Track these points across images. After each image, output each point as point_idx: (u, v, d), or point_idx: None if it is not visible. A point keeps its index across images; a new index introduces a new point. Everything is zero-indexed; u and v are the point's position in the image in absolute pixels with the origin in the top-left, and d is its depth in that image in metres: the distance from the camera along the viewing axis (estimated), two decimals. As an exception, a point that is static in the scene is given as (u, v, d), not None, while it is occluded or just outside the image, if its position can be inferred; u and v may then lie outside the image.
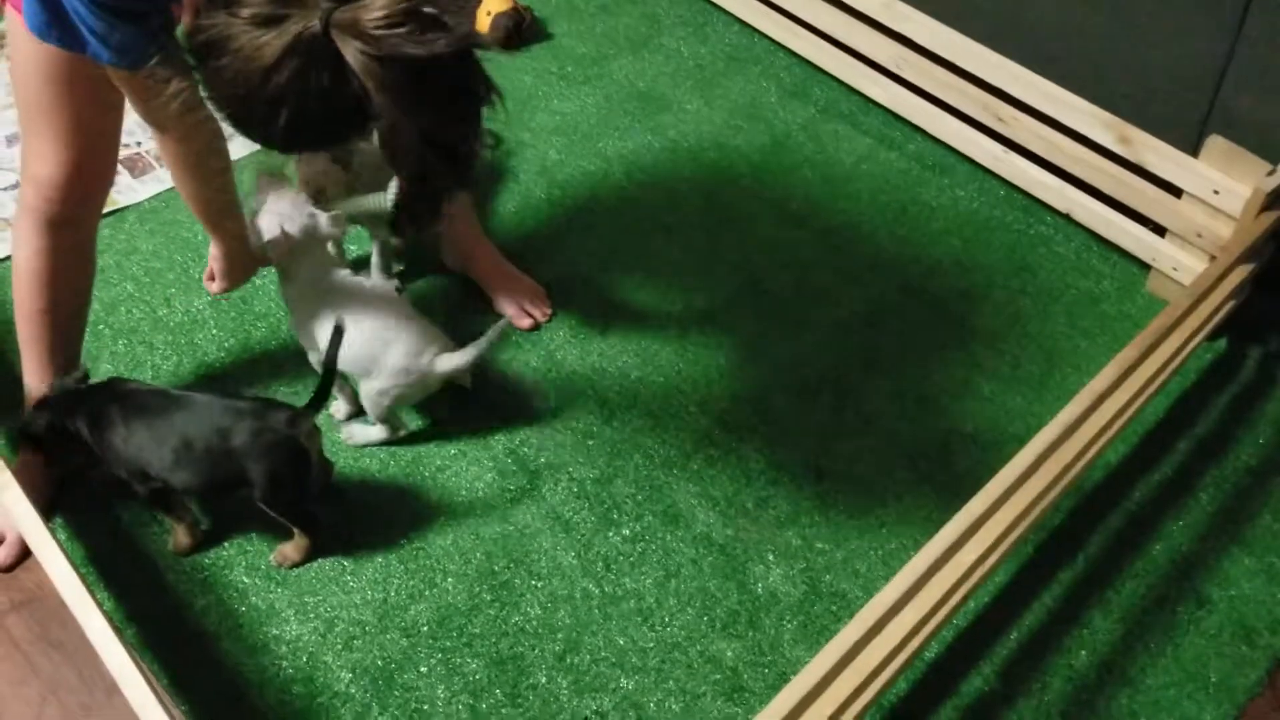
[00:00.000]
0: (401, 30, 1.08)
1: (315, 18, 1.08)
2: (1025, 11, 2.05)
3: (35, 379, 1.73)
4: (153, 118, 1.44)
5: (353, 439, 1.84)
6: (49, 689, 1.60)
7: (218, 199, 1.65)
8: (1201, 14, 1.83)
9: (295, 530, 1.69)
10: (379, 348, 1.73)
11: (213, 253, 1.76)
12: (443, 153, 1.16)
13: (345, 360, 1.67)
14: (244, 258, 1.77)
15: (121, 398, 1.66)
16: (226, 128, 1.22)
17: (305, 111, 1.12)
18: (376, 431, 1.83)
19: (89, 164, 1.58)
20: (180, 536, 1.71)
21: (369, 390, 1.76)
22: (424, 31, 1.09)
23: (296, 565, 1.71)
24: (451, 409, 1.87)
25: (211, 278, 1.79)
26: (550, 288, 2.05)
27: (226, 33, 1.09)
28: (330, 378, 1.63)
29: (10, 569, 1.71)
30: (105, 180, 1.66)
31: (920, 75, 2.24)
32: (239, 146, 1.58)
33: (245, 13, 1.08)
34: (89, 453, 1.65)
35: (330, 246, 1.81)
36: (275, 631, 1.64)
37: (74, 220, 1.64)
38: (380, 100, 1.09)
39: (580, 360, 1.97)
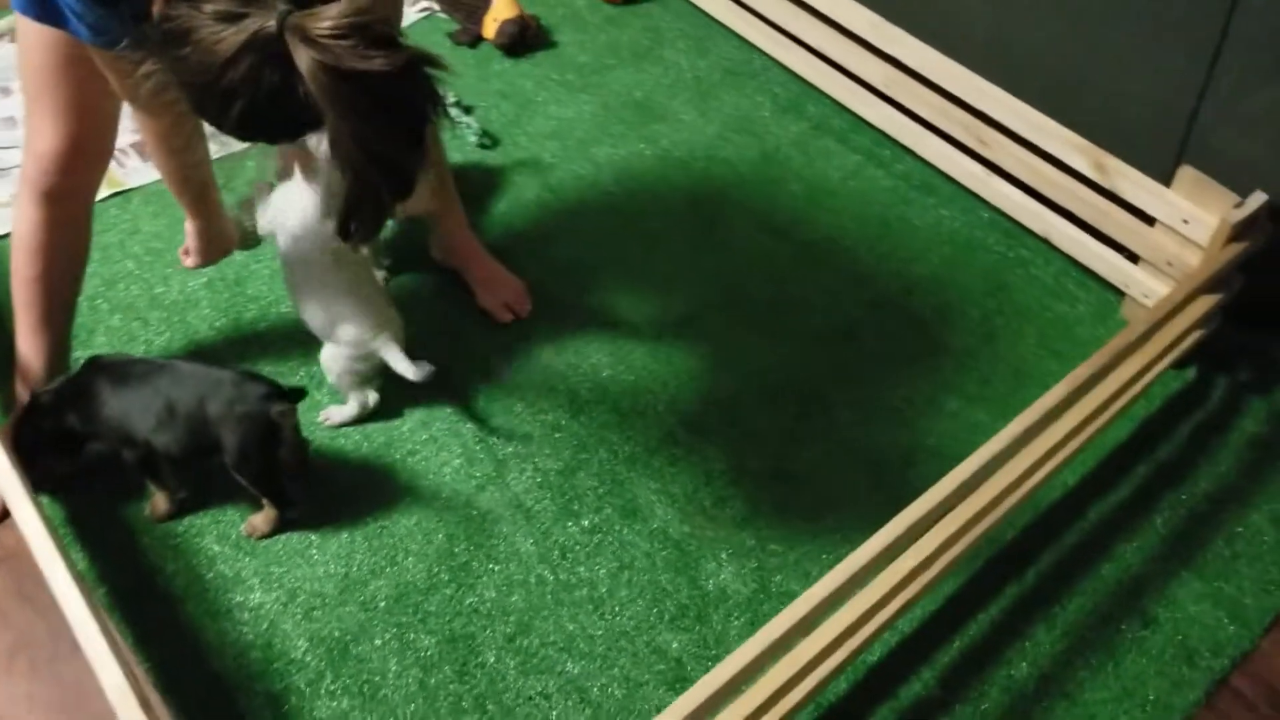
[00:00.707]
0: (345, 42, 1.12)
1: (271, 18, 1.12)
2: (1009, 38, 2.09)
3: (27, 344, 1.80)
4: (127, 94, 1.50)
5: (330, 419, 1.90)
6: (20, 642, 1.66)
7: (191, 175, 1.73)
8: (1178, 47, 1.86)
9: (264, 502, 1.75)
10: (339, 316, 1.79)
11: (188, 228, 1.85)
12: (382, 164, 1.19)
13: (311, 322, 1.79)
14: (217, 235, 1.85)
15: (105, 369, 1.73)
16: None
17: (257, 106, 1.16)
18: (349, 408, 1.89)
19: (86, 141, 1.65)
20: (159, 503, 1.77)
21: (326, 355, 1.85)
22: (368, 47, 1.13)
23: (265, 536, 1.76)
24: (425, 397, 1.93)
25: (187, 252, 1.89)
26: (532, 285, 2.11)
27: (189, 24, 1.14)
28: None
29: (-11, 524, 1.78)
30: (102, 158, 1.72)
31: (909, 96, 2.29)
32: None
33: (208, 8, 1.13)
34: (76, 454, 1.77)
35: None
36: (239, 598, 1.70)
37: (69, 194, 1.70)
38: (323, 105, 1.14)
39: (554, 355, 2.02)
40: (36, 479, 1.67)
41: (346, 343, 1.80)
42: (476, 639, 1.67)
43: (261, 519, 1.76)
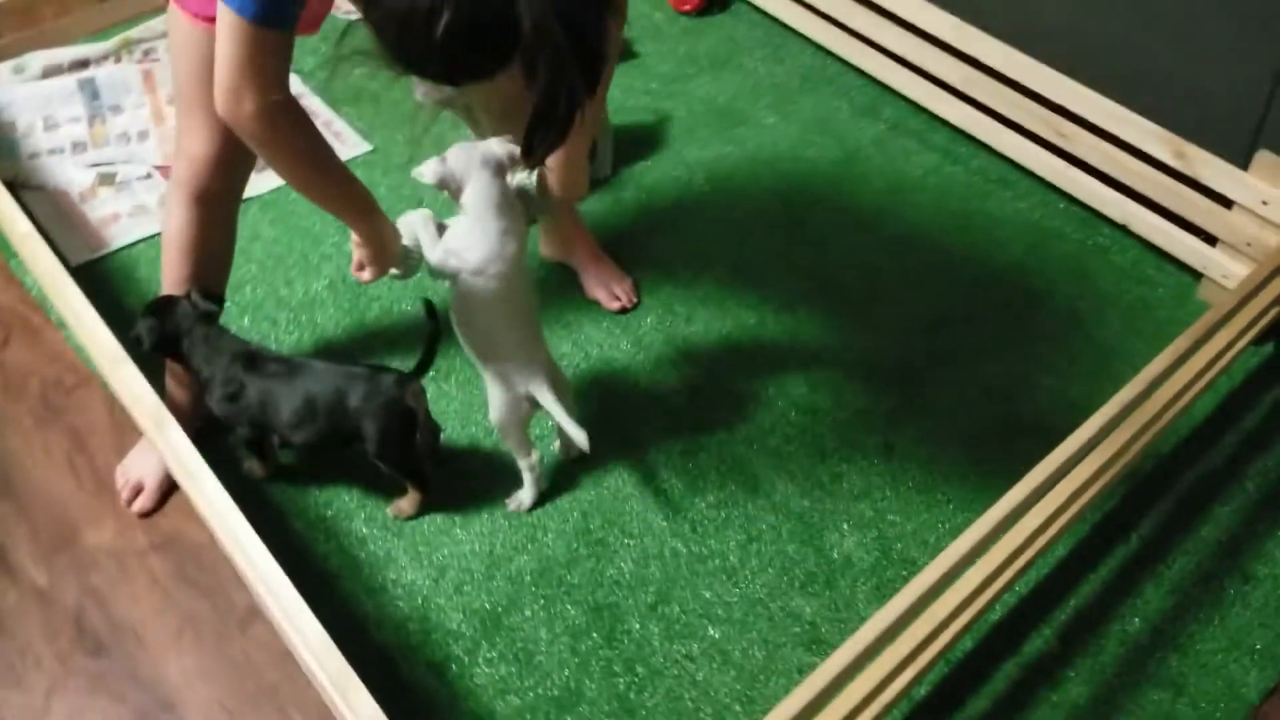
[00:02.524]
0: None
1: None
2: (1088, 34, 2.20)
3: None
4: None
5: (521, 505, 1.89)
6: (185, 620, 1.76)
7: (337, 173, 1.67)
8: (1253, 38, 1.97)
9: (408, 485, 1.85)
10: (502, 351, 1.76)
11: (354, 239, 1.73)
12: (580, 45, 1.22)
13: (477, 353, 1.77)
14: (389, 241, 1.73)
15: (248, 361, 1.82)
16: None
17: (461, 16, 1.17)
18: (526, 486, 1.88)
19: (237, 141, 1.67)
20: (256, 467, 1.91)
21: (492, 407, 1.81)
22: None
23: (410, 518, 1.86)
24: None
25: (360, 268, 1.76)
26: (639, 280, 2.22)
27: None
28: (433, 346, 1.79)
29: (150, 514, 1.87)
30: (251, 157, 1.77)
31: (987, 94, 2.40)
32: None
33: None
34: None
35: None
36: (392, 576, 1.80)
37: (220, 194, 1.79)
38: None
39: (666, 345, 2.12)
40: None
41: (500, 376, 1.77)
42: (620, 608, 1.77)
43: (407, 501, 1.86)
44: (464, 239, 1.69)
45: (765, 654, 1.72)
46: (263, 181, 2.39)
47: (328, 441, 1.82)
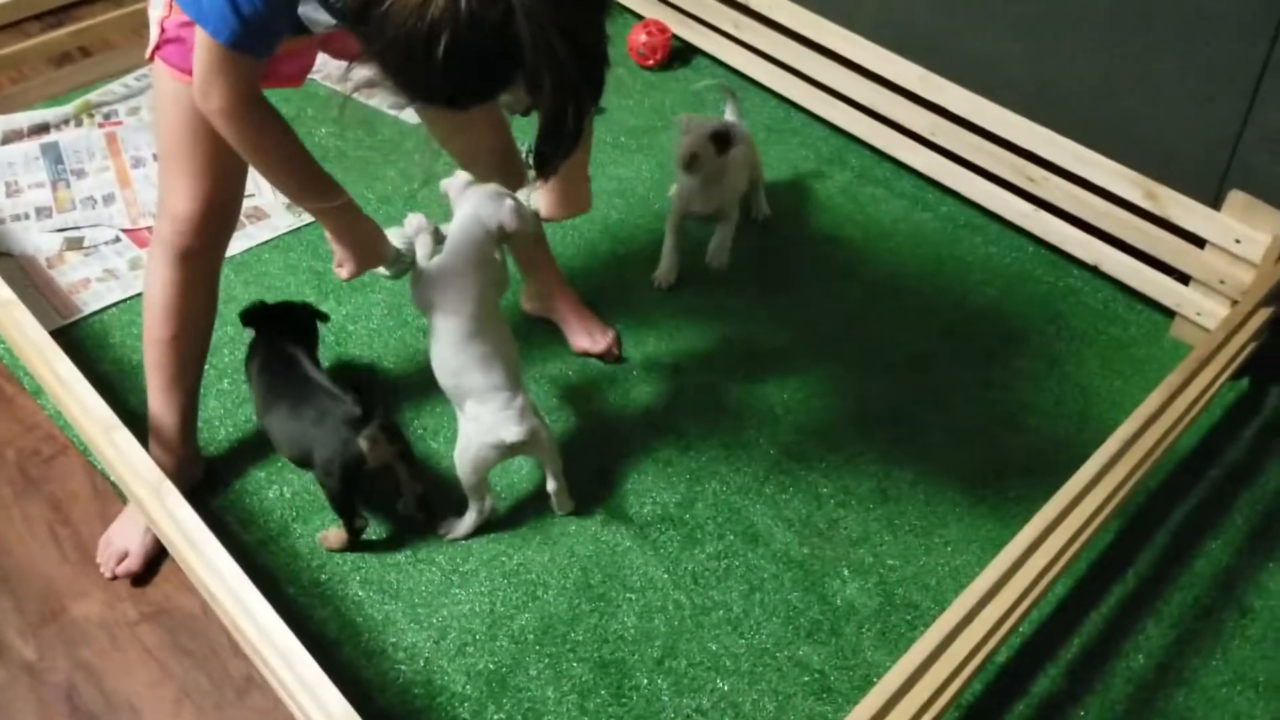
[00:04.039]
0: None
1: None
2: (1055, 79, 2.25)
3: (159, 403, 1.86)
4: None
5: (453, 534, 1.89)
6: (183, 691, 1.70)
7: (305, 169, 1.64)
8: (1221, 79, 2.03)
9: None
10: (475, 389, 1.78)
11: (329, 238, 1.73)
12: (581, 54, 1.22)
13: (448, 383, 1.81)
14: (365, 237, 1.72)
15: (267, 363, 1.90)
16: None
17: (460, 38, 1.17)
18: (468, 518, 1.88)
19: (220, 199, 1.71)
20: (330, 537, 1.89)
21: (459, 446, 1.82)
22: None
23: (334, 550, 1.86)
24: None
25: (340, 265, 1.74)
26: (621, 333, 2.21)
27: None
28: (370, 394, 1.78)
29: (140, 582, 1.82)
30: (233, 216, 1.77)
31: (954, 142, 2.44)
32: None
33: None
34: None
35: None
36: (393, 640, 1.76)
37: (202, 254, 1.76)
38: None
39: (653, 398, 2.12)
40: None
41: (473, 419, 1.78)
42: (626, 663, 1.74)
43: (334, 535, 1.85)
44: (438, 273, 1.76)
45: (776, 705, 1.70)
46: (235, 243, 2.35)
47: (295, 459, 1.85)
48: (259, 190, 2.45)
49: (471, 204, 1.77)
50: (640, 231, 2.44)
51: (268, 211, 2.43)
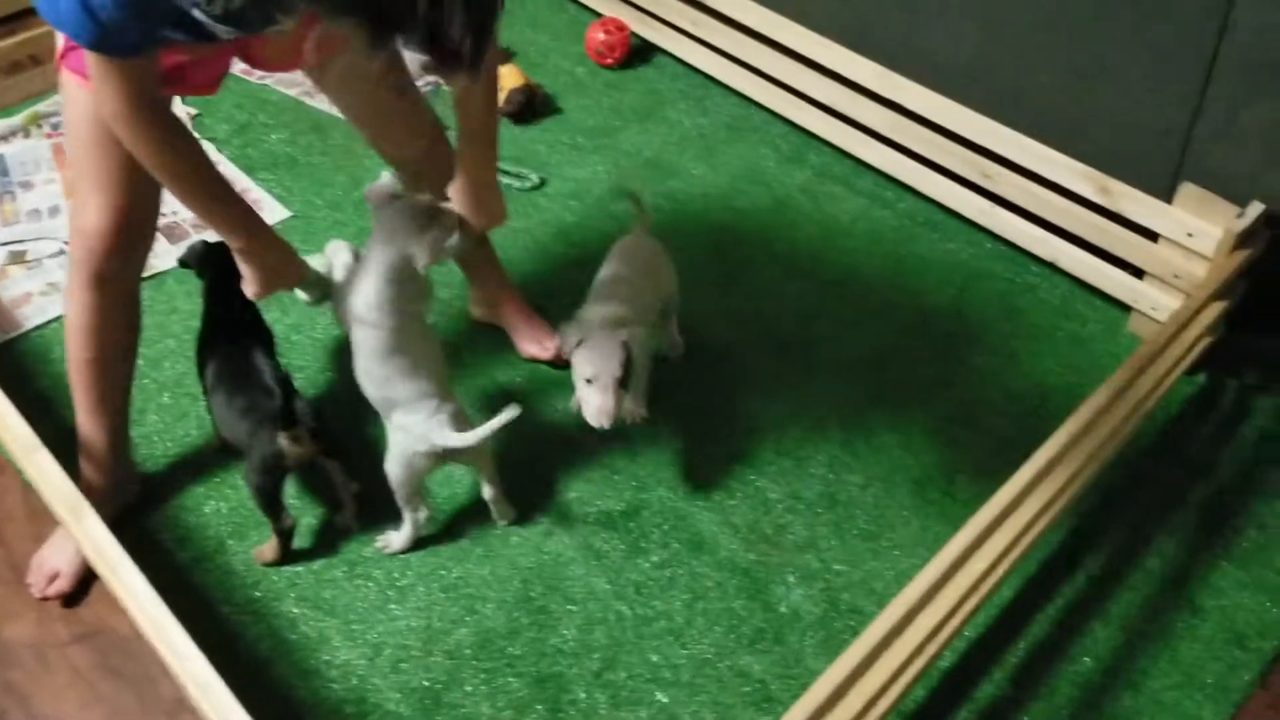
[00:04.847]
0: None
1: None
2: (1009, 76, 2.22)
3: (88, 424, 1.83)
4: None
5: (389, 546, 1.87)
6: (112, 714, 1.68)
7: (210, 187, 1.61)
8: (1171, 73, 1.99)
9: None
10: (401, 396, 1.77)
11: (238, 256, 1.70)
12: None
13: (374, 393, 1.79)
14: (278, 262, 1.71)
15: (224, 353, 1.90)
16: None
17: None
18: (404, 531, 1.85)
19: (131, 213, 1.66)
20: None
21: (389, 457, 1.79)
22: None
23: (269, 565, 1.83)
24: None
25: (245, 282, 1.72)
26: (571, 338, 2.18)
27: None
28: (288, 399, 1.74)
29: (72, 602, 1.79)
30: (146, 233, 1.73)
31: (912, 139, 2.41)
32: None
33: None
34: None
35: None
36: (326, 657, 1.73)
37: (116, 274, 1.72)
38: None
39: (603, 403, 2.09)
40: None
41: (401, 428, 1.76)
42: (564, 677, 1.71)
43: (269, 547, 1.84)
44: (355, 282, 1.76)
45: (716, 716, 1.67)
46: (178, 253, 2.32)
47: (227, 446, 1.89)
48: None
49: (390, 225, 1.75)
50: (595, 235, 2.41)
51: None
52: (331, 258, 1.80)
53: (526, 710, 1.67)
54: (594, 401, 1.77)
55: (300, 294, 1.77)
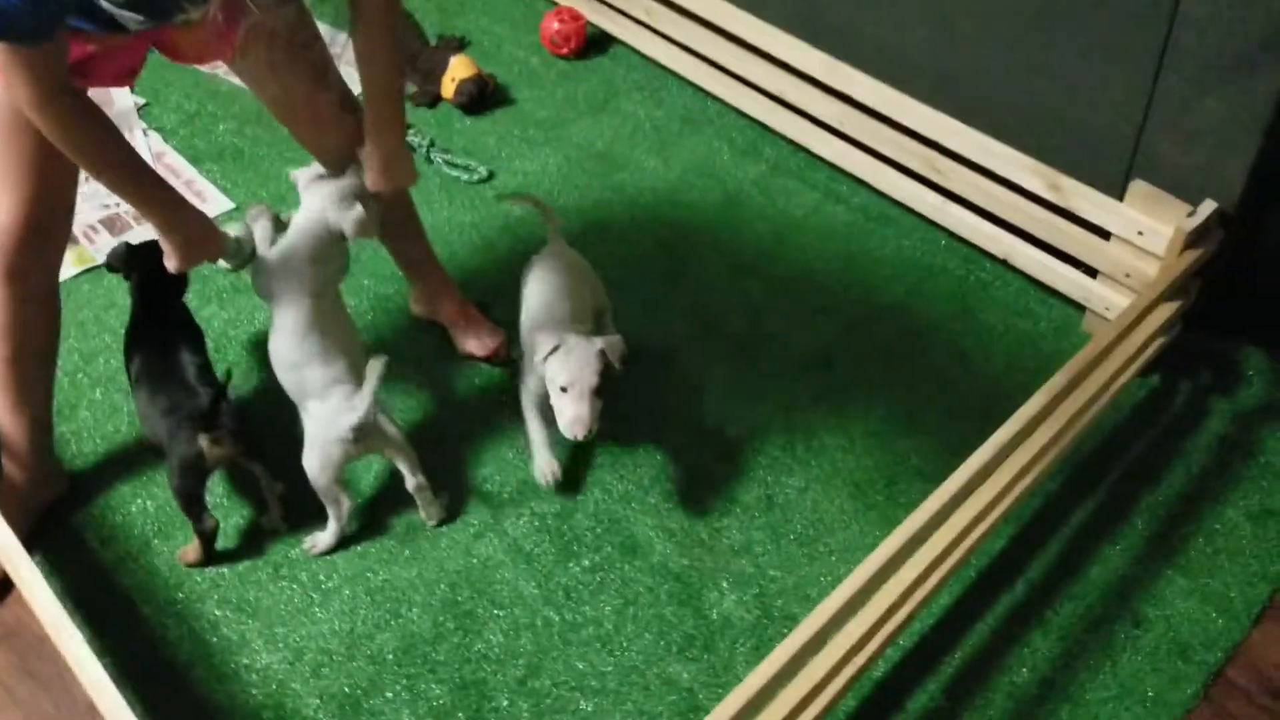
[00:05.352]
0: None
1: None
2: (959, 69, 2.17)
3: (8, 423, 1.80)
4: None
5: (316, 547, 1.84)
6: (27, 717, 1.64)
7: (126, 165, 1.60)
8: (1122, 69, 1.95)
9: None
10: (314, 380, 1.77)
11: (156, 232, 1.69)
12: None
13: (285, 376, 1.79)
14: (199, 235, 1.69)
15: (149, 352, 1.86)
16: None
17: None
18: (330, 529, 1.82)
19: (40, 207, 1.63)
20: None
21: (306, 451, 1.77)
22: None
23: (192, 566, 1.81)
24: (418, 449, 1.94)
25: (168, 257, 1.70)
26: (512, 334, 2.14)
27: None
28: (215, 403, 1.73)
29: (-14, 605, 1.76)
30: (60, 229, 1.70)
31: (863, 132, 2.36)
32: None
33: None
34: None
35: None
36: (245, 661, 1.70)
37: (30, 269, 1.68)
38: None
39: (542, 402, 2.05)
40: None
41: (314, 416, 1.75)
42: (488, 684, 1.68)
43: (192, 548, 1.80)
44: (277, 262, 1.76)
45: (641, 726, 1.64)
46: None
47: (152, 445, 1.85)
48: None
49: (319, 200, 1.77)
50: (542, 230, 2.36)
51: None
52: (251, 224, 1.79)
53: (447, 717, 1.64)
54: (569, 411, 1.73)
55: (222, 263, 1.76)
